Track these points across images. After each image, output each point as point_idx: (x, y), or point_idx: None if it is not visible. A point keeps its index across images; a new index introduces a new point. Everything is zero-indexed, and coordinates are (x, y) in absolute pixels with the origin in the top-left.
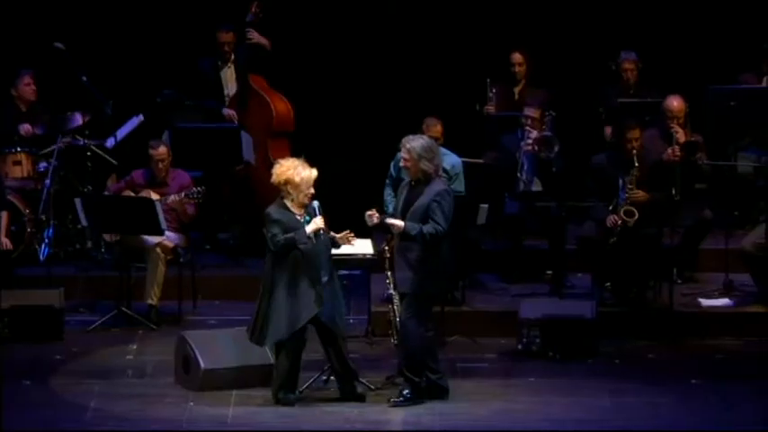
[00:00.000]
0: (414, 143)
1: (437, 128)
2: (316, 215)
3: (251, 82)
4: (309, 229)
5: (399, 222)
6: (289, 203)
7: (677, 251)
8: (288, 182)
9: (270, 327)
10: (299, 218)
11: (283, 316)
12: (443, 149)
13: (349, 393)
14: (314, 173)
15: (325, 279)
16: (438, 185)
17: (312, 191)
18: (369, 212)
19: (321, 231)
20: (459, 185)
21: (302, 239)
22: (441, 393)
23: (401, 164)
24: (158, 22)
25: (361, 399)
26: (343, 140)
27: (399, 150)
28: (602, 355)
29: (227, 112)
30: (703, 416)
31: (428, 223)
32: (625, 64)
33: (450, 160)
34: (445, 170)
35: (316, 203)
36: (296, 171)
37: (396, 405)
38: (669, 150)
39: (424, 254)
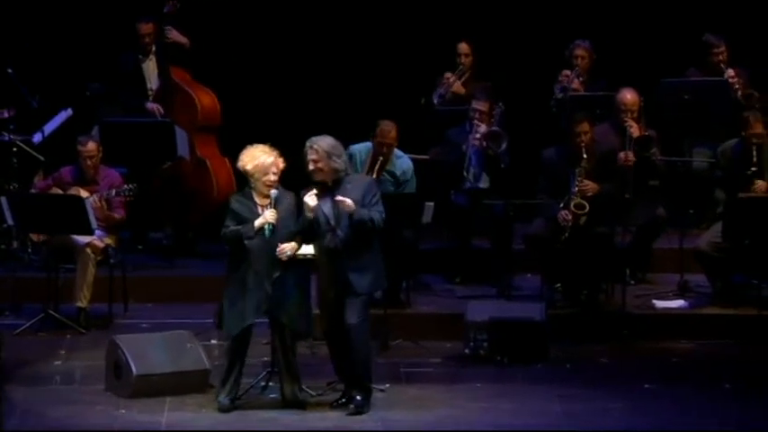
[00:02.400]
0: (321, 141)
1: (392, 134)
2: (271, 206)
3: (173, 76)
4: (257, 222)
5: (350, 202)
6: (253, 192)
7: (630, 251)
8: (243, 169)
9: (224, 320)
10: (259, 208)
11: (233, 312)
12: (397, 152)
13: (290, 399)
14: (269, 159)
15: (276, 275)
16: (363, 178)
17: (271, 178)
18: (310, 193)
19: (272, 225)
20: (410, 189)
21: (249, 233)
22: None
23: (310, 167)
24: (86, 13)
25: (301, 406)
26: (274, 135)
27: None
28: (553, 359)
29: (151, 106)
30: (657, 421)
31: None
32: (577, 51)
33: (402, 165)
34: (394, 174)
35: (273, 192)
36: (250, 157)
37: (353, 414)
38: (622, 155)
39: (373, 252)
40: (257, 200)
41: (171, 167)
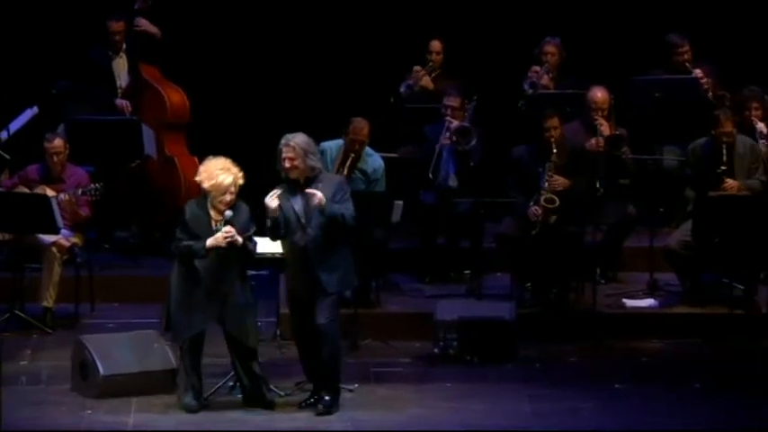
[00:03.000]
0: (297, 139)
1: (364, 131)
2: (227, 224)
3: (143, 72)
4: (209, 243)
5: (321, 195)
6: (209, 204)
7: (600, 250)
8: (201, 185)
9: (173, 326)
10: (214, 222)
11: (182, 319)
12: (368, 149)
13: (256, 400)
14: (228, 180)
15: (226, 289)
16: (334, 177)
17: (227, 199)
18: (271, 194)
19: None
20: (381, 188)
21: (200, 252)
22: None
23: (285, 164)
24: (51, 10)
25: (270, 406)
26: (243, 133)
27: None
28: (522, 359)
29: (120, 102)
30: (627, 420)
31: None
32: (547, 47)
33: (373, 163)
34: (365, 172)
35: (228, 213)
36: (207, 175)
37: (322, 414)
38: (593, 140)
39: (343, 250)
40: (212, 213)
41: (139, 166)
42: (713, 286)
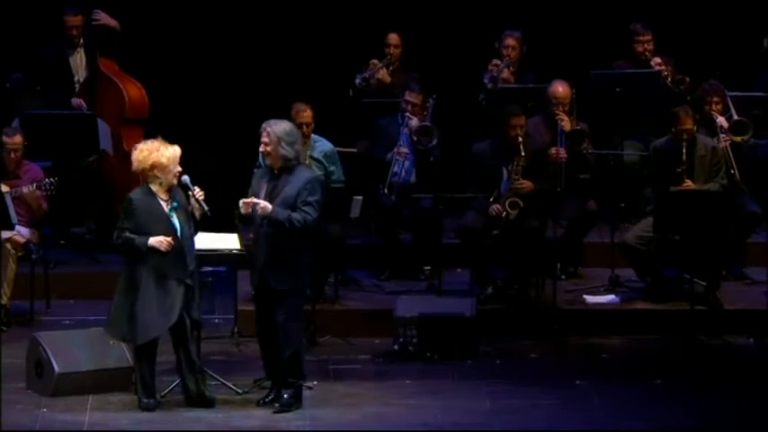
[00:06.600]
0: (275, 126)
1: (306, 113)
2: (190, 189)
3: (101, 66)
4: (151, 241)
5: (266, 204)
6: (155, 188)
7: (561, 245)
8: (155, 166)
9: (139, 324)
10: (164, 204)
11: (155, 313)
12: (314, 137)
13: (197, 399)
14: (177, 150)
15: (191, 268)
16: (306, 173)
17: (179, 168)
18: (246, 200)
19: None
20: (339, 173)
21: (141, 248)
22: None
23: (261, 149)
24: (5, 4)
25: (211, 404)
26: (204, 128)
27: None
28: (483, 356)
29: (76, 101)
30: (587, 417)
31: (296, 212)
32: (507, 41)
33: (323, 148)
34: (317, 159)
35: (186, 178)
36: (160, 152)
37: (280, 412)
38: (553, 151)
39: (292, 249)
40: (161, 195)
41: (95, 161)
42: (676, 282)
